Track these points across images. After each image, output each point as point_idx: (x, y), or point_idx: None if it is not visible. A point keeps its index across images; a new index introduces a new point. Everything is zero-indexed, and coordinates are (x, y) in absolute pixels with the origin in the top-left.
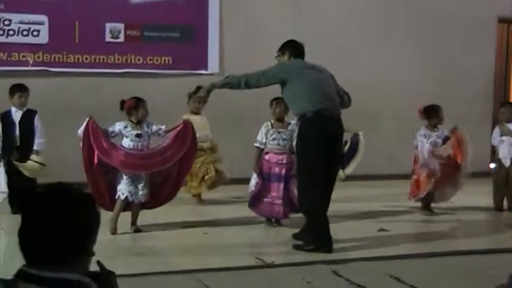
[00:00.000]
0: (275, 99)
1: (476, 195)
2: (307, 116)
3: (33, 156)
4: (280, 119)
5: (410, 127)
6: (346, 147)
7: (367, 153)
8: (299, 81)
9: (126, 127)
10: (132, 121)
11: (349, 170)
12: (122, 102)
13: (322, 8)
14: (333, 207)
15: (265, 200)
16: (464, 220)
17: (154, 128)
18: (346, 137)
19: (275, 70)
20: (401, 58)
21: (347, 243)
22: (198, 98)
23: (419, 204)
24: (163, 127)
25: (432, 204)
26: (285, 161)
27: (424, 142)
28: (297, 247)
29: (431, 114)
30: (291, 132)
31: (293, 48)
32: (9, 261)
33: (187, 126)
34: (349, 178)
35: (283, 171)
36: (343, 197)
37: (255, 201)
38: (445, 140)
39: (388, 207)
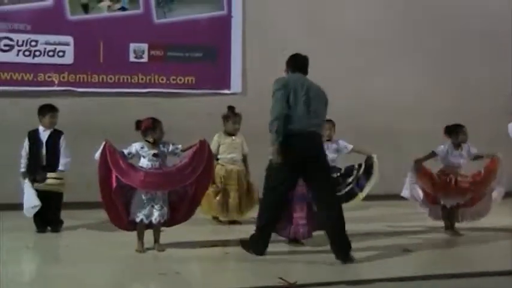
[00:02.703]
0: None
1: (502, 216)
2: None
3: (50, 174)
4: None
5: (432, 146)
6: (361, 170)
7: (388, 173)
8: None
9: (142, 147)
10: (148, 141)
11: (365, 192)
12: (138, 123)
13: (342, 27)
14: (356, 227)
15: (289, 222)
16: (489, 241)
17: (171, 147)
18: (361, 159)
19: (276, 94)
20: (420, 76)
21: (370, 263)
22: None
23: (442, 223)
24: (179, 146)
25: (456, 224)
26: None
27: (442, 148)
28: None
29: (452, 134)
30: None
31: (292, 63)
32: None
33: (204, 145)
34: (371, 198)
35: (305, 190)
36: (366, 217)
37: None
38: (476, 158)
39: (412, 227)
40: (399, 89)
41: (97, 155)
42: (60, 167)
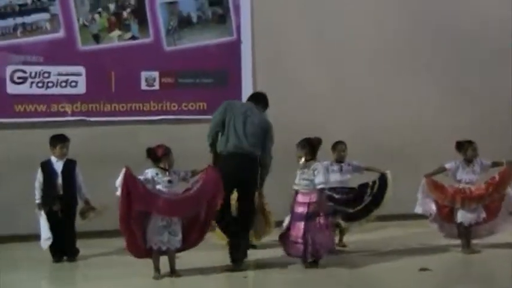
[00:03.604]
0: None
1: None
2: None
3: (86, 206)
4: (306, 160)
5: None
6: (376, 188)
7: (404, 194)
8: None
9: (157, 174)
10: (161, 168)
11: (381, 208)
12: (150, 150)
13: (354, 46)
14: (373, 247)
15: (291, 239)
16: (506, 257)
17: (182, 173)
18: (374, 177)
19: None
20: (436, 95)
21: (389, 284)
22: None
23: (456, 242)
24: (189, 172)
25: (473, 241)
26: (308, 201)
27: (453, 165)
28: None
29: (461, 149)
30: (313, 171)
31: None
32: None
33: (212, 171)
34: (387, 218)
35: (305, 210)
36: (383, 237)
37: (284, 239)
38: (494, 165)
39: (429, 247)
40: (415, 109)
41: (118, 182)
42: (87, 195)
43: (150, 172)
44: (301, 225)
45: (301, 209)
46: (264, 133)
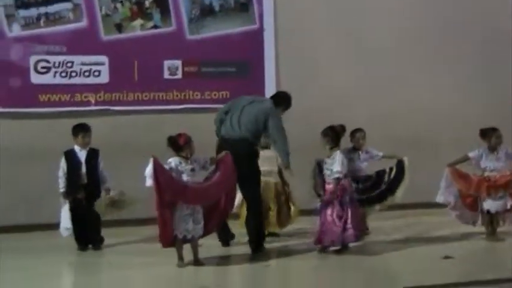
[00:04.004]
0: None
1: None
2: None
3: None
4: (330, 148)
5: None
6: (393, 174)
7: (425, 182)
8: None
9: (180, 163)
10: (183, 156)
11: (399, 194)
12: (171, 139)
13: (375, 35)
14: (396, 235)
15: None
16: None
17: (202, 161)
18: (392, 163)
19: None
20: (457, 83)
21: (412, 271)
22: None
23: (483, 229)
24: (208, 160)
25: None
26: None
27: (476, 154)
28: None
29: (485, 137)
30: (332, 160)
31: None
32: None
33: (229, 158)
34: (409, 207)
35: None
36: (404, 225)
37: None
38: None
39: (452, 235)
40: (435, 97)
41: (147, 171)
42: (107, 184)
43: (173, 161)
44: (321, 213)
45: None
46: (264, 121)
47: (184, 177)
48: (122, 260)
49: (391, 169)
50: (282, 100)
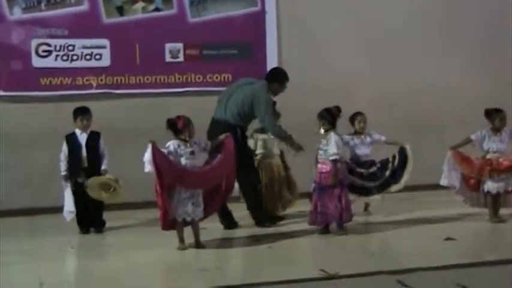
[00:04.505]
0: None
1: None
2: None
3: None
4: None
5: None
6: (396, 162)
7: (431, 164)
8: None
9: (179, 146)
10: (182, 139)
11: (403, 181)
12: (170, 121)
13: (380, 17)
14: (399, 217)
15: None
16: None
17: (202, 144)
18: (394, 150)
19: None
20: (463, 66)
21: (413, 252)
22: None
23: (482, 211)
24: (209, 142)
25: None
26: (322, 171)
27: (479, 135)
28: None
29: (489, 117)
30: (327, 141)
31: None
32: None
33: (229, 141)
34: (414, 188)
35: (318, 180)
36: (408, 207)
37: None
38: None
39: (455, 216)
40: (441, 80)
41: (146, 156)
42: (104, 166)
43: (172, 144)
44: (315, 194)
45: (317, 179)
46: (251, 102)
47: (183, 161)
48: (123, 242)
49: (394, 157)
50: (274, 76)
